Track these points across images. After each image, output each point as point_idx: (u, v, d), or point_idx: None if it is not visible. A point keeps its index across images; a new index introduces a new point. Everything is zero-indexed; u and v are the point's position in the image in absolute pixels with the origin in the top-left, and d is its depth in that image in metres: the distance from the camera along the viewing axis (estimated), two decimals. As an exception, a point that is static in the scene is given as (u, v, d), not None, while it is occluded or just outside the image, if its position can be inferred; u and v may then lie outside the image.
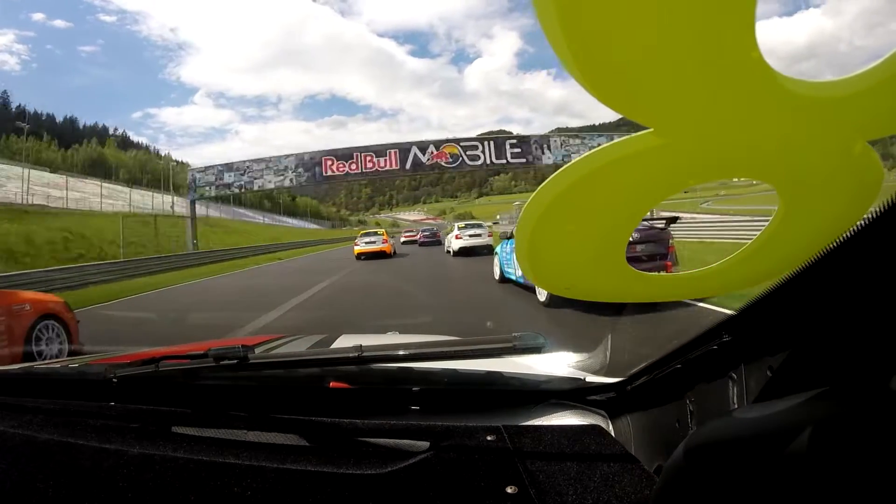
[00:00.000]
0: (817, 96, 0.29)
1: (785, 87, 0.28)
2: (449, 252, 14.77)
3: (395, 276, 10.91)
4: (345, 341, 1.32)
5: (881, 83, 0.28)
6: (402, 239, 27.73)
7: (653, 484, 0.57)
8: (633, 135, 0.31)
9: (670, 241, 5.33)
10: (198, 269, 16.75)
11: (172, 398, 0.84)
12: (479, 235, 13.08)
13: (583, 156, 0.33)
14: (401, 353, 0.76)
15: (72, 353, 4.32)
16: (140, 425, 0.77)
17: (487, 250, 12.06)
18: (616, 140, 0.32)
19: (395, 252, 16.80)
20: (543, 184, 0.35)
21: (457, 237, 13.79)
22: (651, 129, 0.30)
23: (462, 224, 15.02)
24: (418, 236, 26.09)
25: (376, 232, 17.72)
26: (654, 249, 5.32)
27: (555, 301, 5.18)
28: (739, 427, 0.40)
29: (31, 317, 3.89)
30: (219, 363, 0.76)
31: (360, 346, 0.72)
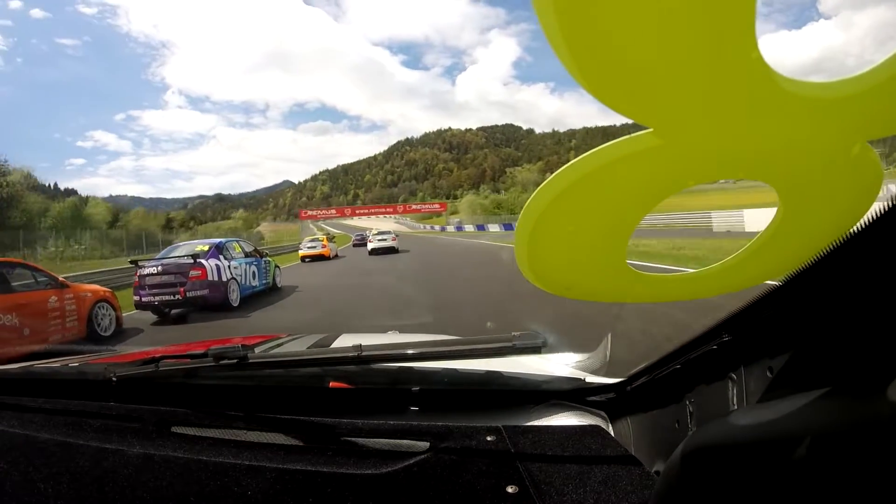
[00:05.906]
0: (817, 97, 0.29)
1: (785, 87, 0.28)
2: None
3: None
4: (344, 341, 1.32)
5: (881, 84, 0.28)
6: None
7: (652, 484, 0.57)
8: (633, 135, 0.31)
9: (190, 272, 6.97)
10: None
11: (172, 398, 0.84)
12: (385, 240, 20.75)
13: (582, 156, 0.33)
14: (400, 352, 0.75)
15: (118, 328, 6.25)
16: (140, 425, 0.77)
17: (393, 250, 19.75)
18: (616, 140, 0.32)
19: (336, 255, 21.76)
20: (543, 184, 0.35)
21: (369, 241, 21.77)
22: (651, 129, 0.30)
23: (375, 232, 22.92)
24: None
25: (317, 238, 22.32)
26: (172, 280, 6.85)
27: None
28: (738, 429, 0.40)
29: (92, 300, 6.02)
30: (218, 363, 0.76)
31: (360, 345, 0.72)
